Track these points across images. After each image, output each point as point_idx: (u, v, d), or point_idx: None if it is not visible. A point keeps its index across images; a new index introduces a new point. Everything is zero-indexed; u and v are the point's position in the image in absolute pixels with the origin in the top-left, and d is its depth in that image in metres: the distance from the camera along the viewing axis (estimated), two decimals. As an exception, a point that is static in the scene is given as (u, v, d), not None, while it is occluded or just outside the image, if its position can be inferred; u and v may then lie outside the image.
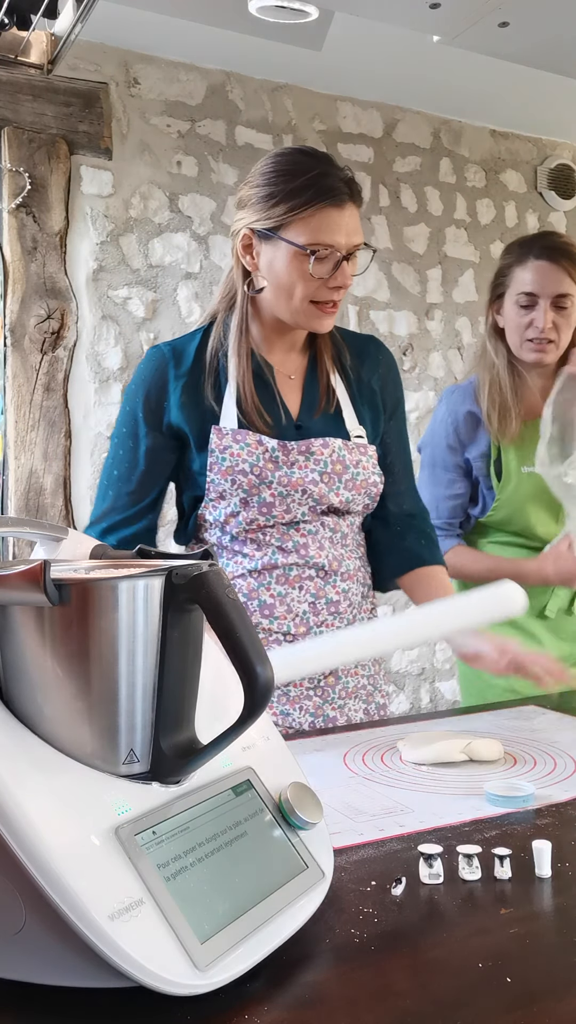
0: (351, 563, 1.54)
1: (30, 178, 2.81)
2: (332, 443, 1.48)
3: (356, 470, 1.50)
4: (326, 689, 1.50)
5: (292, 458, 1.46)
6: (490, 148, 3.68)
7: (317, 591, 1.49)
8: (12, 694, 0.70)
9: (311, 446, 1.47)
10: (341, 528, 1.53)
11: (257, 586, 1.48)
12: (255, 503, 1.46)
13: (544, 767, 1.18)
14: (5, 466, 2.85)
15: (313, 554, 1.48)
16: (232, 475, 1.45)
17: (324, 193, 1.40)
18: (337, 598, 1.50)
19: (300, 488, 1.46)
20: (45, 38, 1.48)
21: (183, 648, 0.73)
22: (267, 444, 1.46)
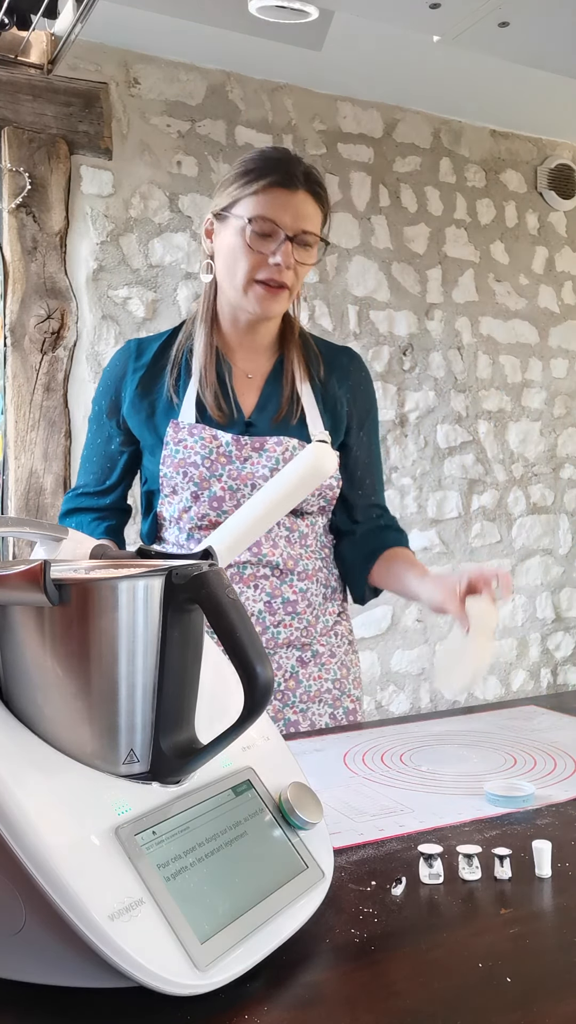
0: (310, 563, 1.53)
1: (30, 178, 2.81)
2: (287, 442, 1.49)
3: None
4: (286, 692, 1.50)
5: (245, 453, 1.47)
6: (490, 148, 3.68)
7: (273, 590, 1.48)
8: (12, 694, 0.70)
9: (265, 443, 1.48)
10: (299, 527, 1.52)
11: None
12: (205, 497, 1.47)
13: (544, 767, 1.18)
14: (5, 466, 2.85)
15: (267, 552, 1.47)
16: (184, 467, 1.47)
17: (273, 172, 1.43)
18: (294, 598, 1.50)
19: (250, 482, 1.46)
20: (45, 38, 1.48)
21: (183, 648, 0.73)
22: (221, 438, 1.47)
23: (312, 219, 1.46)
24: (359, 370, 1.62)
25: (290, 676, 1.50)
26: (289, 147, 3.21)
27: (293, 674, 1.51)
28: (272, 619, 1.48)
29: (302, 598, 1.51)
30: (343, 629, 1.59)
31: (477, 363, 3.64)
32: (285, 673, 1.50)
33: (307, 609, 1.51)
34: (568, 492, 3.89)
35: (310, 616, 1.52)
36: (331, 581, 1.58)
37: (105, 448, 1.60)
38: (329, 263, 3.31)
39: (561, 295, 3.85)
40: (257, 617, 1.48)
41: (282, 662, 1.50)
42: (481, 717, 1.44)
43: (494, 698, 3.66)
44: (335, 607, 1.58)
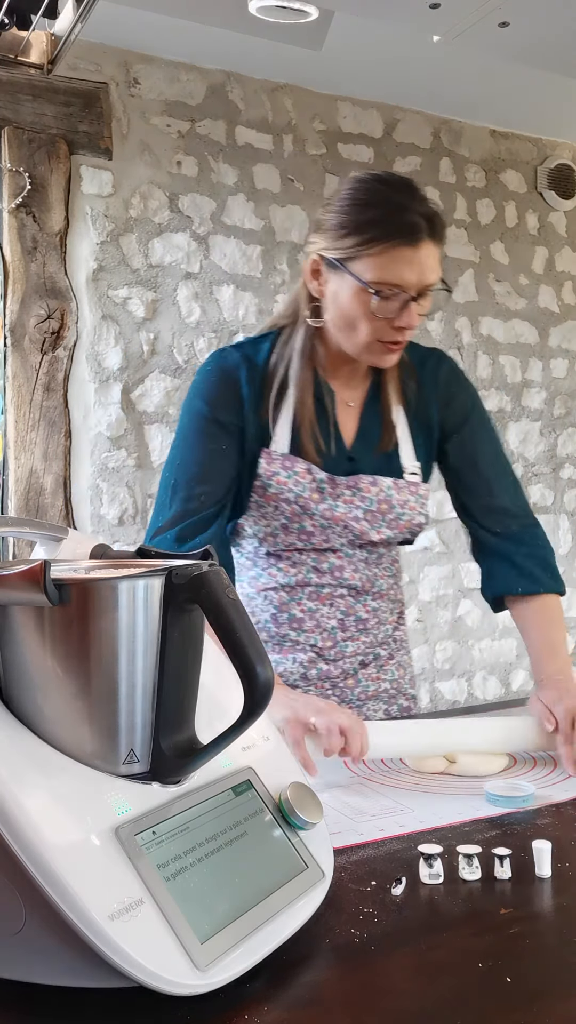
0: (383, 582, 1.53)
1: (30, 178, 2.81)
2: (381, 482, 1.44)
3: (402, 510, 1.46)
4: (344, 690, 1.51)
5: (339, 492, 1.43)
6: (490, 148, 3.68)
7: (347, 608, 1.49)
8: (12, 694, 0.70)
9: (359, 482, 1.44)
10: (378, 550, 1.51)
11: (288, 600, 1.48)
12: (295, 529, 1.44)
13: (544, 767, 1.18)
14: (5, 466, 2.85)
15: (347, 576, 1.48)
16: (275, 502, 1.41)
17: (397, 231, 1.29)
18: (366, 616, 1.51)
19: (342, 523, 1.44)
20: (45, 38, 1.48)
21: (183, 648, 0.73)
22: (316, 475, 1.42)
23: (435, 270, 1.33)
24: (447, 374, 1.54)
25: (349, 676, 1.52)
26: (289, 147, 3.22)
27: (352, 674, 1.52)
28: (343, 635, 1.50)
29: (373, 616, 1.52)
30: (400, 634, 1.61)
31: (477, 363, 3.64)
32: (344, 673, 1.51)
33: (376, 625, 1.53)
34: (568, 492, 3.89)
35: (377, 632, 1.53)
36: (397, 595, 1.58)
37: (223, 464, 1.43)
38: (329, 263, 3.31)
39: (561, 295, 3.85)
40: (329, 632, 1.48)
41: (345, 665, 1.51)
42: (481, 718, 1.44)
43: (494, 698, 3.65)
44: (395, 616, 1.59)
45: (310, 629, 1.48)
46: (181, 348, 3.06)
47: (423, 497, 1.48)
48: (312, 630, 1.48)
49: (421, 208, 1.31)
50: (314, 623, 1.48)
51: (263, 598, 1.49)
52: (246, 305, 3.16)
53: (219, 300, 3.12)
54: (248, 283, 3.16)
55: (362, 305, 1.32)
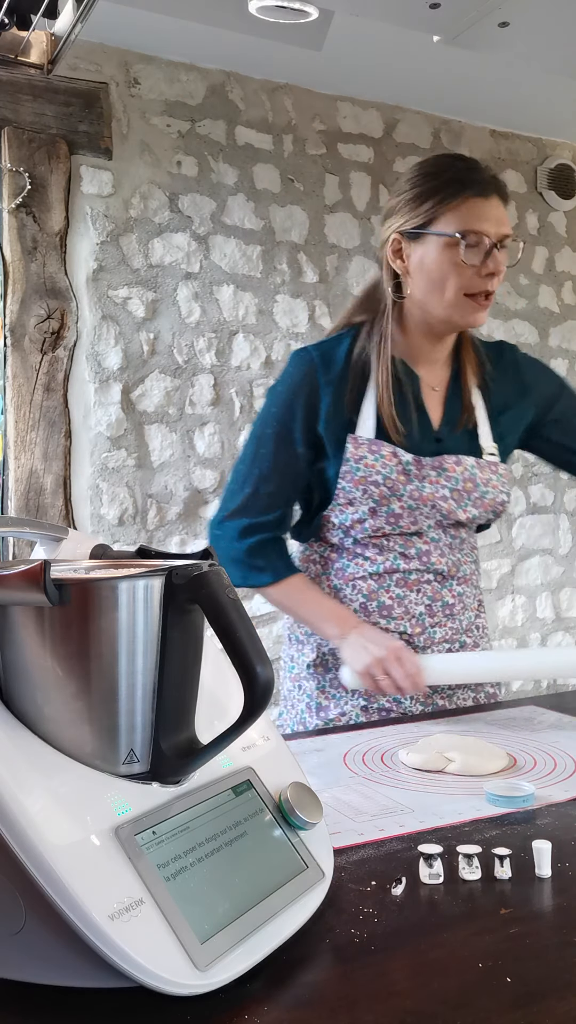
0: (467, 567, 1.58)
1: (30, 178, 2.81)
2: (465, 460, 1.50)
3: (485, 488, 1.52)
4: None
5: (424, 473, 1.48)
6: (490, 148, 3.68)
7: (434, 594, 1.53)
8: (12, 694, 0.70)
9: (444, 462, 1.49)
10: (461, 534, 1.56)
11: (377, 588, 1.52)
12: (383, 513, 1.48)
13: (544, 767, 1.18)
14: (5, 466, 2.85)
15: (435, 560, 1.52)
16: (364, 485, 1.47)
17: (470, 184, 1.42)
18: (452, 601, 1.55)
19: (430, 503, 1.48)
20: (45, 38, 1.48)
21: (183, 648, 0.73)
22: (402, 457, 1.47)
23: (508, 223, 1.45)
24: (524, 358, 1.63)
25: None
26: (289, 147, 3.22)
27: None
28: (431, 620, 1.53)
29: (459, 601, 1.56)
30: (482, 622, 1.64)
31: (477, 363, 3.64)
32: None
33: (462, 611, 1.57)
34: (568, 492, 3.89)
35: (463, 617, 1.57)
36: (478, 582, 1.63)
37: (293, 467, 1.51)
38: (329, 263, 3.31)
39: (561, 295, 3.85)
40: (417, 619, 1.52)
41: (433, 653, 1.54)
42: (481, 717, 1.44)
43: (494, 698, 3.65)
44: (476, 603, 1.63)
45: (399, 616, 1.52)
46: (181, 348, 3.06)
47: (503, 476, 1.54)
48: (401, 617, 1.52)
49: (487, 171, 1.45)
50: (403, 610, 1.52)
51: (351, 588, 1.53)
52: (246, 305, 3.16)
53: (219, 300, 3.12)
54: (248, 283, 3.16)
55: (450, 258, 1.42)
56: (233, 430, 3.15)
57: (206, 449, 3.10)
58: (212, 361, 3.11)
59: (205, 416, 3.10)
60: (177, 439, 3.05)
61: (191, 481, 3.07)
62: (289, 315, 3.24)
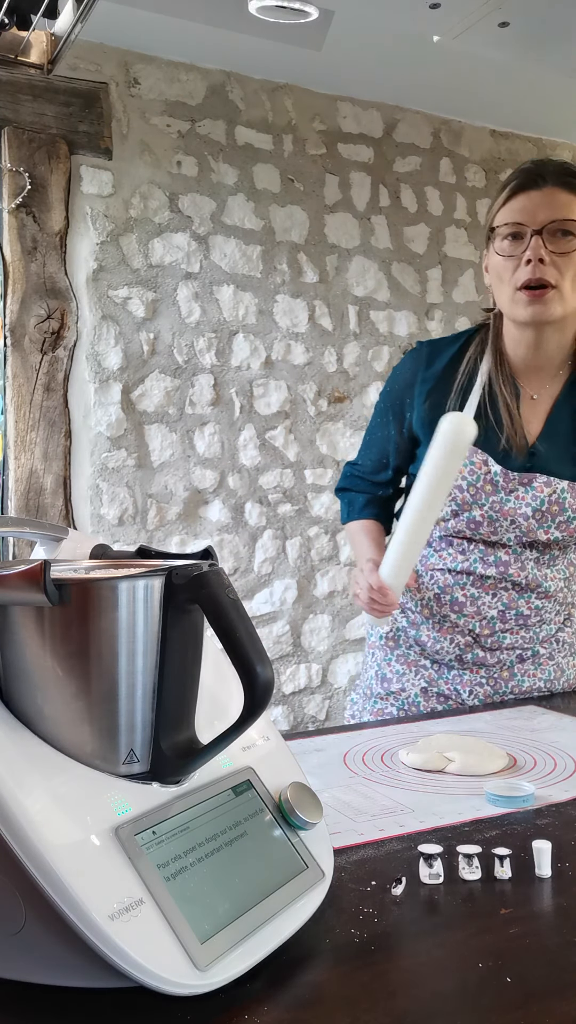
0: (553, 584, 1.54)
1: (30, 178, 2.81)
2: (556, 483, 1.46)
3: (573, 514, 1.48)
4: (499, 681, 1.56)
5: (511, 487, 1.46)
6: (490, 148, 3.68)
7: (510, 602, 1.52)
8: (12, 694, 0.70)
9: (534, 480, 1.46)
10: (551, 551, 1.53)
11: (453, 583, 1.52)
12: (464, 517, 1.48)
13: (544, 767, 1.18)
14: (5, 466, 2.85)
15: (513, 573, 1.51)
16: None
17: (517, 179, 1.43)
18: (528, 612, 1.53)
19: (509, 518, 1.46)
20: (45, 38, 1.48)
21: (183, 648, 0.73)
22: (491, 467, 1.46)
23: (564, 207, 1.40)
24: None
25: (505, 668, 1.56)
26: (289, 147, 3.22)
27: (509, 667, 1.56)
28: (502, 626, 1.53)
29: (535, 614, 1.54)
30: (565, 635, 1.61)
31: (477, 363, 3.64)
32: (502, 665, 1.55)
33: (537, 623, 1.55)
34: (568, 492, 3.89)
35: (538, 628, 1.56)
36: (567, 598, 1.59)
37: (384, 443, 1.62)
38: (329, 263, 3.31)
39: (561, 295, 3.85)
40: (488, 621, 1.52)
41: (502, 657, 1.55)
42: (481, 717, 1.44)
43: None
44: (561, 617, 1.60)
45: (470, 615, 1.52)
46: (181, 348, 3.06)
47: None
48: (472, 616, 1.52)
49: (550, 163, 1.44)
50: (474, 609, 1.52)
51: (429, 577, 1.55)
52: (246, 305, 3.16)
53: (219, 300, 3.12)
54: (248, 283, 3.16)
55: (498, 254, 1.44)
56: (233, 430, 3.15)
57: (206, 449, 3.10)
58: (212, 361, 3.11)
59: (205, 416, 3.10)
60: (177, 439, 3.05)
61: (191, 481, 3.07)
62: (289, 315, 3.24)
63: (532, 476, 1.46)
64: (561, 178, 1.41)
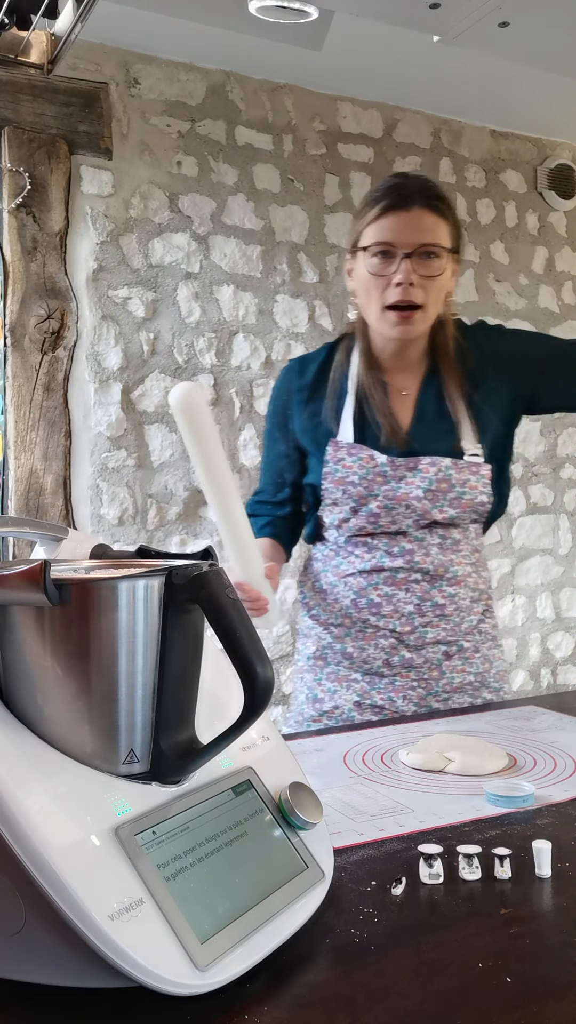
0: (460, 568, 1.58)
1: (30, 178, 2.81)
2: (440, 462, 1.52)
3: (462, 489, 1.53)
4: (430, 682, 1.58)
5: (400, 473, 1.52)
6: (490, 148, 3.68)
7: (423, 594, 1.55)
8: (12, 694, 0.70)
9: (419, 463, 1.52)
10: (452, 535, 1.57)
11: (366, 585, 1.56)
12: (363, 512, 1.53)
13: (544, 767, 1.18)
14: (5, 466, 2.85)
15: (419, 560, 1.54)
16: (343, 485, 1.53)
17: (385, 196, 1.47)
18: (443, 602, 1.56)
19: (404, 503, 1.51)
20: (45, 38, 1.48)
21: (183, 648, 0.73)
22: (378, 459, 1.52)
23: (431, 231, 1.47)
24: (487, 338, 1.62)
25: (434, 667, 1.57)
26: (289, 147, 3.22)
27: (437, 666, 1.58)
28: (421, 620, 1.56)
29: (451, 602, 1.57)
30: (487, 626, 1.65)
31: (477, 363, 3.64)
32: (430, 664, 1.57)
33: (455, 612, 1.58)
34: (568, 492, 3.89)
35: (456, 618, 1.58)
36: (479, 584, 1.63)
37: (278, 462, 1.68)
38: (329, 263, 3.31)
39: (561, 295, 3.85)
40: (407, 618, 1.55)
41: (428, 655, 1.57)
42: (481, 717, 1.44)
43: (494, 698, 3.65)
44: (480, 607, 1.63)
45: (388, 614, 1.55)
46: (181, 348, 3.06)
47: (485, 477, 1.55)
48: (390, 615, 1.55)
49: (414, 183, 1.49)
50: (391, 608, 1.55)
51: (344, 584, 1.58)
52: (246, 305, 3.16)
53: (219, 300, 3.12)
54: (248, 283, 3.16)
55: (367, 271, 1.48)
56: (233, 430, 3.15)
57: (206, 449, 3.10)
58: (212, 361, 3.11)
59: (205, 416, 3.10)
60: (177, 439, 3.05)
61: (191, 481, 3.07)
62: (289, 315, 3.24)
63: (416, 459, 1.53)
64: (428, 200, 1.47)
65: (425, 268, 1.47)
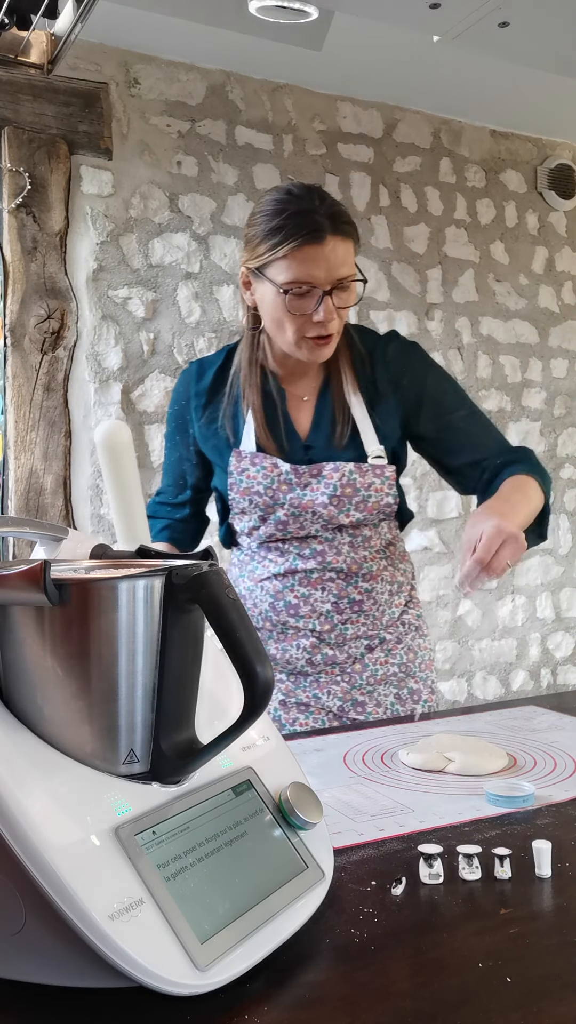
0: (374, 564, 1.57)
1: (30, 178, 2.81)
2: (343, 467, 1.51)
3: (367, 492, 1.52)
4: (353, 675, 1.57)
5: (304, 480, 1.51)
6: (490, 148, 3.68)
7: (339, 591, 1.55)
8: (12, 694, 0.70)
9: (322, 469, 1.52)
10: (363, 532, 1.56)
11: (282, 588, 1.55)
12: (272, 520, 1.53)
13: (544, 767, 1.18)
14: (5, 466, 2.85)
15: (331, 559, 1.54)
16: (249, 495, 1.52)
17: (299, 231, 1.38)
18: (360, 598, 1.56)
19: (310, 509, 1.51)
20: (45, 38, 1.48)
21: (183, 648, 0.73)
22: (281, 467, 1.51)
23: (346, 262, 1.43)
24: (394, 352, 1.59)
25: (356, 660, 1.57)
26: (289, 147, 3.22)
27: (359, 658, 1.57)
28: (340, 617, 1.55)
29: (367, 597, 1.57)
30: (409, 617, 1.64)
31: (477, 363, 3.64)
32: (351, 658, 1.56)
33: (373, 607, 1.57)
34: (568, 492, 3.89)
35: (376, 612, 1.58)
36: (397, 577, 1.62)
37: (179, 466, 1.66)
38: (329, 263, 3.31)
39: (561, 295, 3.85)
40: (325, 616, 1.55)
41: (350, 650, 1.56)
42: (481, 717, 1.44)
43: (494, 698, 3.66)
44: (402, 599, 1.63)
45: (306, 614, 1.54)
46: (181, 348, 3.06)
47: (390, 479, 1.54)
48: (308, 615, 1.54)
49: (324, 208, 1.40)
50: (309, 608, 1.54)
51: (260, 589, 1.58)
52: (246, 305, 3.16)
53: (219, 300, 3.12)
54: (248, 283, 3.16)
55: (282, 305, 1.43)
56: (233, 430, 3.15)
57: (206, 449, 3.10)
58: (212, 361, 3.11)
59: (205, 416, 3.10)
60: (177, 439, 3.05)
61: (191, 481, 3.07)
62: (289, 315, 3.24)
63: (320, 466, 1.52)
64: (339, 227, 1.41)
65: (343, 299, 1.44)
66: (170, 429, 1.66)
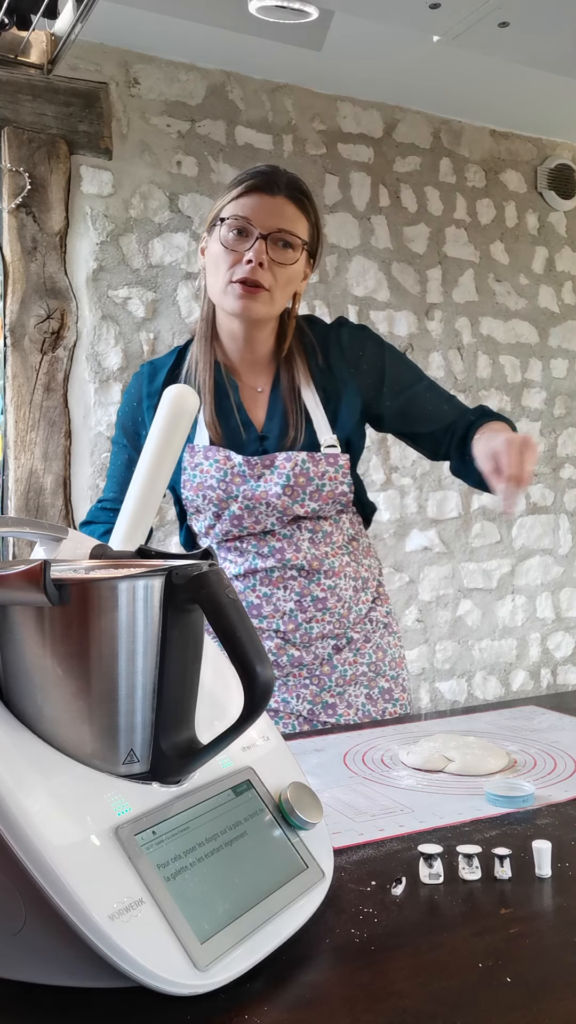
0: (336, 560, 1.56)
1: (30, 178, 2.81)
2: (295, 456, 1.51)
3: (321, 482, 1.52)
4: (322, 678, 1.55)
5: (257, 472, 1.51)
6: (490, 148, 3.68)
7: (302, 590, 1.53)
8: (12, 694, 0.70)
9: (275, 460, 1.51)
10: (322, 528, 1.55)
11: (243, 588, 1.53)
12: (226, 516, 1.52)
13: (544, 767, 1.18)
14: (5, 466, 2.85)
15: (290, 557, 1.53)
16: (202, 491, 1.51)
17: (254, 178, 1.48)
18: (323, 595, 1.54)
19: (264, 501, 1.50)
20: (45, 38, 1.48)
21: (183, 648, 0.73)
22: (234, 459, 1.51)
23: (291, 221, 1.47)
24: (347, 337, 1.61)
25: (324, 662, 1.55)
26: (289, 147, 3.22)
27: (327, 660, 1.55)
28: (304, 616, 1.53)
29: (331, 594, 1.55)
30: (377, 615, 1.63)
31: (477, 363, 3.64)
32: (318, 659, 1.55)
33: (337, 604, 1.56)
34: (568, 492, 3.89)
35: (341, 609, 1.56)
36: (361, 572, 1.61)
37: (124, 470, 1.62)
38: (329, 263, 3.31)
39: (561, 295, 3.85)
40: (289, 615, 1.53)
41: (317, 651, 1.55)
42: (481, 717, 1.44)
43: (494, 698, 3.66)
44: (368, 596, 1.62)
45: (269, 614, 1.53)
46: (181, 348, 3.06)
47: (344, 467, 1.54)
48: (272, 615, 1.53)
49: (283, 176, 1.50)
50: (272, 607, 1.53)
51: None
52: (246, 305, 3.16)
53: (219, 300, 3.12)
54: (248, 283, 3.16)
55: (218, 241, 1.48)
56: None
57: (206, 449, 3.10)
58: (212, 361, 3.11)
59: (205, 416, 3.10)
60: (177, 439, 3.05)
61: (191, 481, 3.07)
62: (289, 315, 3.24)
63: (272, 456, 1.52)
64: (293, 193, 1.48)
65: (279, 254, 1.47)
66: (118, 433, 1.64)
